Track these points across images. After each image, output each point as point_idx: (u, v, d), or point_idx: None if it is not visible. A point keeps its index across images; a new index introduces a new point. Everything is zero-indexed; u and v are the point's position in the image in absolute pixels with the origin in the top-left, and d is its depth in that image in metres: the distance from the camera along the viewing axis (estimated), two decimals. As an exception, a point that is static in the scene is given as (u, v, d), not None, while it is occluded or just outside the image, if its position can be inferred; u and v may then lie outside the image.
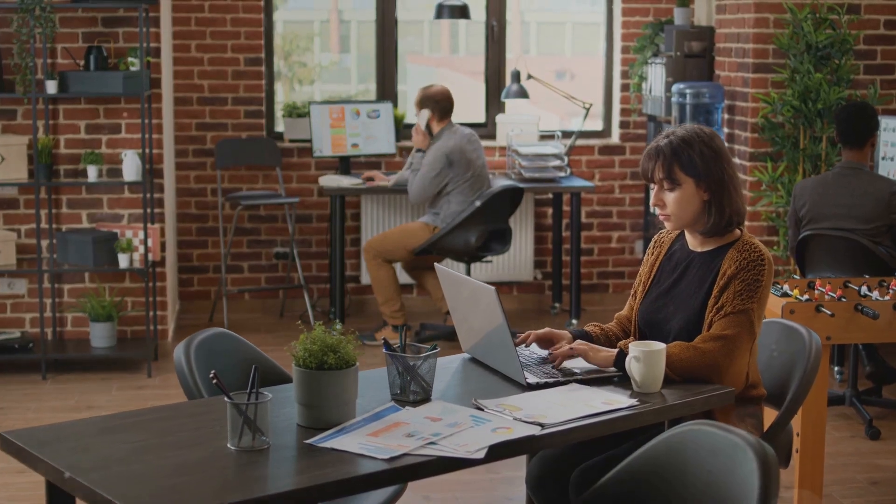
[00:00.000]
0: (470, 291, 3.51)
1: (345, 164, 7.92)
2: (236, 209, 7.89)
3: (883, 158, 6.59)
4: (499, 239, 7.41)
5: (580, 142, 8.34)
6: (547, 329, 3.66)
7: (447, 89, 7.27)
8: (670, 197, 3.58)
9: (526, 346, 3.64)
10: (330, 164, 8.12)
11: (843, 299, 4.80)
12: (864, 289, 4.92)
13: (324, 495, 2.70)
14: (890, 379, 6.18)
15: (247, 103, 8.07)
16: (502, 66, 8.47)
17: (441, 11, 7.87)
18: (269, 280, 8.22)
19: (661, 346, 3.35)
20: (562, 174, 7.78)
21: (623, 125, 8.48)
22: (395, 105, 8.22)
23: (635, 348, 3.33)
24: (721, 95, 7.33)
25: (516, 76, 8.11)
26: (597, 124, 8.60)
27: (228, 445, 2.88)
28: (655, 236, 3.87)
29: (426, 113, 7.19)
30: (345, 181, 7.55)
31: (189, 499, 2.60)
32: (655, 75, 7.92)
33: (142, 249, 6.82)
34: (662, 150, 3.57)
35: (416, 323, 7.70)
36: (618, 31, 8.44)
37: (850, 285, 4.99)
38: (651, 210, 3.69)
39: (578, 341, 3.58)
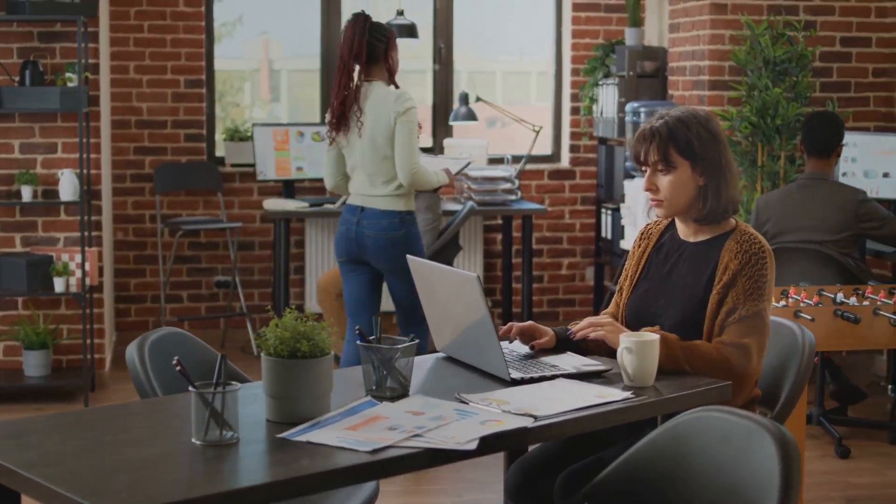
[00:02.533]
0: (448, 282, 3.28)
1: (289, 189, 7.66)
2: (176, 236, 7.60)
3: (843, 175, 6.46)
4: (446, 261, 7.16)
5: (530, 166, 8.16)
6: (530, 322, 3.44)
7: None
8: (664, 180, 3.37)
9: (510, 342, 3.42)
10: (273, 190, 7.86)
11: (821, 305, 4.63)
12: (839, 296, 4.76)
13: (302, 489, 2.45)
14: (854, 398, 6.02)
15: (187, 126, 7.81)
16: (450, 89, 8.29)
17: (388, 31, 7.65)
18: (209, 310, 7.93)
19: (654, 337, 3.14)
20: (512, 197, 7.59)
21: (573, 149, 8.32)
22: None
23: (627, 339, 3.11)
24: (675, 114, 7.18)
25: (464, 98, 7.93)
26: (546, 148, 8.43)
27: (193, 440, 2.61)
28: (642, 228, 3.65)
29: None
30: (290, 204, 7.30)
31: (155, 493, 2.33)
32: (607, 96, 7.78)
33: (79, 273, 6.52)
34: (658, 131, 3.35)
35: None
36: (567, 53, 8.29)
37: (825, 293, 4.82)
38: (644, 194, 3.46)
39: (607, 318, 3.37)
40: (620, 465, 2.80)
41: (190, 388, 2.63)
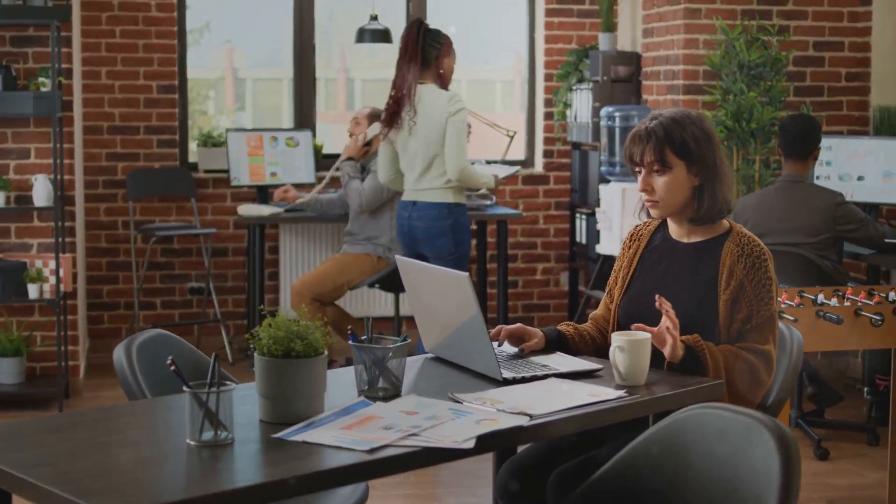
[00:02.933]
0: (438, 282, 3.26)
1: (263, 194, 7.62)
2: (150, 242, 7.55)
3: (818, 178, 6.48)
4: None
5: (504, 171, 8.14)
6: (518, 325, 3.43)
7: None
8: (660, 181, 3.36)
9: (499, 345, 3.40)
10: (247, 196, 7.82)
11: (802, 306, 4.64)
12: (820, 297, 4.76)
13: (300, 489, 2.42)
14: (831, 400, 6.03)
15: (160, 132, 7.76)
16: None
17: (362, 35, 7.64)
18: (182, 316, 7.88)
19: (645, 336, 3.13)
20: (488, 202, 7.58)
21: (547, 154, 8.32)
22: (314, 134, 7.96)
23: (619, 338, 3.10)
24: (650, 119, 7.19)
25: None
26: (519, 153, 8.42)
27: (188, 441, 2.58)
28: (631, 229, 3.62)
29: (377, 126, 6.86)
30: (265, 210, 7.26)
31: (154, 492, 2.31)
32: (581, 101, 7.78)
33: (52, 280, 6.46)
34: (654, 132, 3.35)
35: (341, 359, 7.38)
36: (540, 59, 8.29)
37: (806, 294, 4.83)
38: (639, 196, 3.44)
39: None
40: (616, 464, 2.79)
41: (185, 388, 2.60)
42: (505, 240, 7.53)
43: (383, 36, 7.64)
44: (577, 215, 8.06)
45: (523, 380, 3.12)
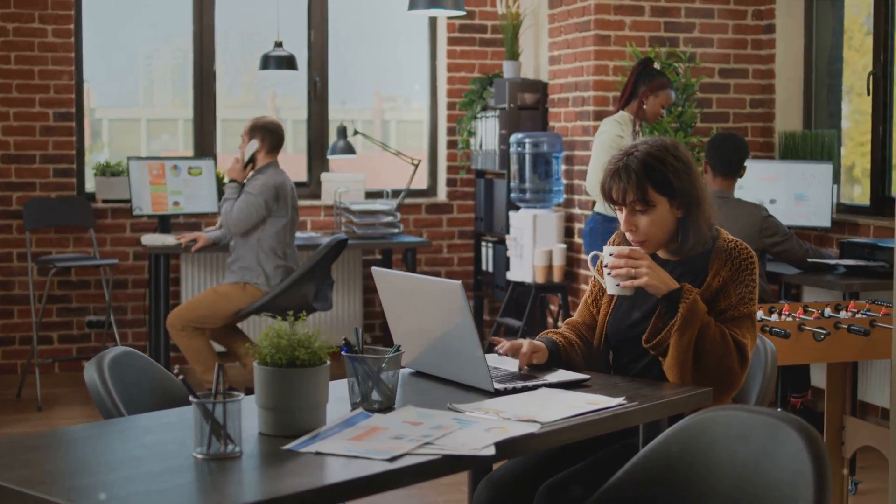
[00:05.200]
0: (424, 293, 3.17)
1: (164, 224, 7.43)
2: (48, 274, 7.30)
3: (730, 201, 6.54)
4: (322, 297, 6.95)
5: (407, 200, 8.10)
6: (529, 341, 3.33)
7: (279, 122, 6.83)
8: (644, 220, 3.27)
9: (500, 354, 3.32)
10: (147, 226, 7.63)
11: (745, 323, 4.65)
12: (760, 314, 4.79)
13: (324, 500, 2.32)
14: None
15: (56, 161, 7.53)
16: (325, 123, 8.19)
17: (267, 62, 7.53)
18: (81, 350, 7.63)
19: (624, 248, 3.24)
20: (394, 231, 7.51)
21: (450, 182, 8.28)
22: (216, 163, 7.80)
23: (606, 249, 3.26)
24: (560, 145, 7.22)
25: (342, 132, 7.83)
26: (422, 182, 8.38)
27: (194, 454, 2.46)
28: (613, 237, 3.54)
29: (255, 143, 6.73)
30: (170, 239, 7.07)
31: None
32: (487, 129, 7.77)
33: (-47, 312, 6.20)
34: (633, 170, 3.25)
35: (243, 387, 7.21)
36: (442, 87, 8.27)
37: (744, 311, 4.85)
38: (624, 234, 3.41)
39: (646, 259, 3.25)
40: (629, 471, 2.72)
41: (191, 399, 2.48)
42: (413, 268, 7.46)
43: (288, 63, 7.53)
44: (483, 243, 8.03)
45: (514, 390, 3.05)
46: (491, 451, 2.53)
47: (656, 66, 6.62)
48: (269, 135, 6.70)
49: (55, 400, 7.07)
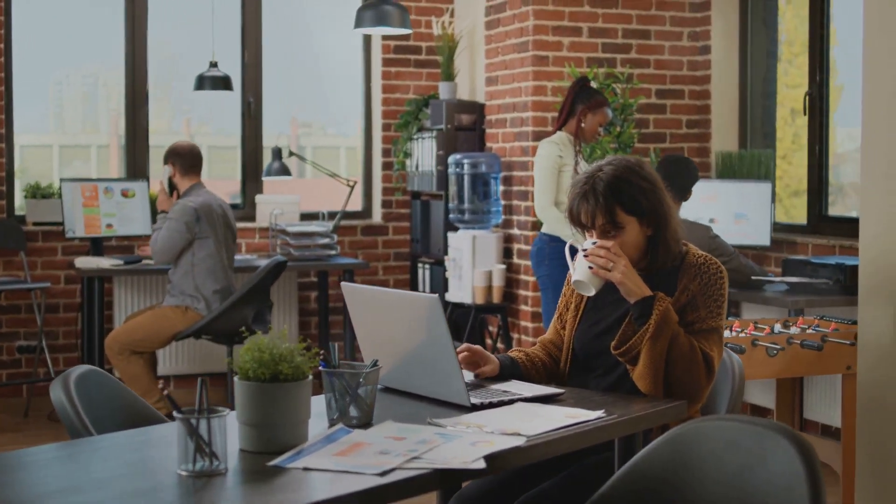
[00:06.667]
0: (399, 307, 3.13)
1: (97, 247, 7.30)
2: (-23, 298, 7.15)
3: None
4: (261, 319, 6.87)
5: (343, 222, 8.05)
6: (477, 347, 3.32)
7: (194, 145, 6.69)
8: (615, 242, 3.26)
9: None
10: (79, 249, 7.50)
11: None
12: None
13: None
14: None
15: (-15, 183, 7.39)
16: (259, 144, 8.11)
17: (202, 83, 7.45)
18: (11, 376, 7.46)
19: (609, 242, 3.22)
20: (331, 252, 7.46)
21: (385, 204, 8.25)
22: (149, 185, 7.70)
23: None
24: (498, 166, 7.22)
25: (277, 153, 7.77)
26: (357, 204, 8.33)
27: (179, 471, 2.40)
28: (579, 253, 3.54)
29: (168, 169, 6.65)
30: (104, 262, 6.95)
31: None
32: (423, 150, 7.75)
33: None
34: (600, 193, 3.23)
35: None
36: (377, 109, 8.24)
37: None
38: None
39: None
40: (617, 483, 2.70)
41: (175, 414, 2.41)
42: (351, 290, 7.39)
43: (224, 83, 7.46)
44: (420, 265, 7.99)
45: (491, 405, 3.02)
46: (481, 464, 2.49)
47: (593, 85, 6.65)
48: (178, 158, 6.62)
49: (-15, 427, 6.90)
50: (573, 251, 3.34)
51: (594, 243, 3.22)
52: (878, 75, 4.05)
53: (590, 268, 3.21)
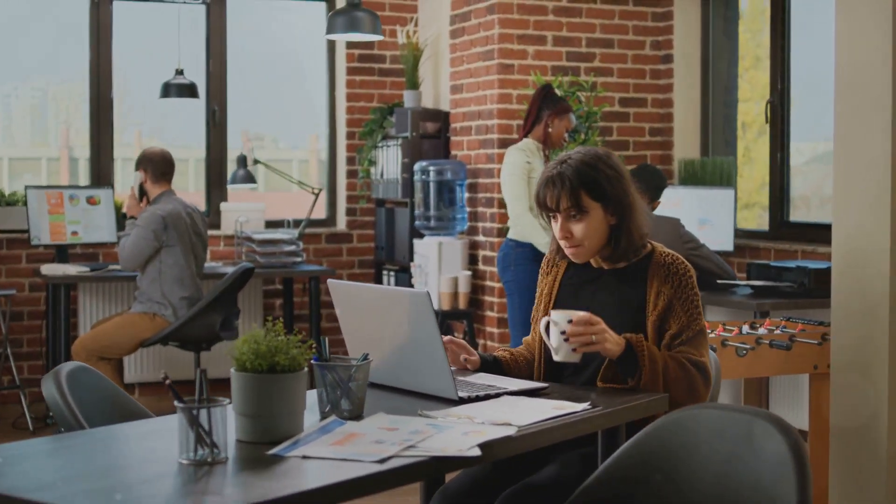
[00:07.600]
0: (387, 302, 3.18)
1: (62, 254, 7.30)
2: (-58, 305, 7.12)
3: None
4: (229, 326, 6.88)
5: (307, 230, 8.07)
6: (460, 340, 3.38)
7: (166, 151, 6.70)
8: (578, 227, 3.34)
9: None
10: (44, 256, 7.48)
11: (669, 339, 4.74)
12: (680, 331, 4.88)
13: (324, 499, 2.31)
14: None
15: (-51, 191, 7.36)
16: (224, 152, 8.13)
17: (168, 90, 7.46)
18: (-25, 385, 7.44)
19: (582, 313, 3.18)
20: (297, 259, 7.49)
21: (350, 212, 8.29)
22: (114, 192, 7.70)
23: (555, 314, 3.18)
24: (464, 173, 7.28)
25: (242, 161, 7.79)
26: (321, 212, 8.37)
27: (180, 460, 2.43)
28: (547, 255, 3.61)
29: (139, 174, 6.66)
30: (70, 269, 6.95)
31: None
32: (388, 158, 7.80)
33: None
34: (567, 177, 3.31)
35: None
36: (342, 117, 8.28)
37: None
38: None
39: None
40: (607, 472, 2.76)
41: (176, 404, 2.45)
42: (317, 297, 7.44)
43: (190, 91, 7.48)
44: (385, 271, 8.03)
45: (478, 398, 3.07)
46: (476, 451, 2.54)
47: (558, 93, 6.73)
48: (149, 164, 6.63)
49: (-50, 435, 6.87)
50: (547, 327, 3.33)
51: (570, 320, 3.21)
52: (850, 80, 4.14)
53: (573, 350, 3.24)
